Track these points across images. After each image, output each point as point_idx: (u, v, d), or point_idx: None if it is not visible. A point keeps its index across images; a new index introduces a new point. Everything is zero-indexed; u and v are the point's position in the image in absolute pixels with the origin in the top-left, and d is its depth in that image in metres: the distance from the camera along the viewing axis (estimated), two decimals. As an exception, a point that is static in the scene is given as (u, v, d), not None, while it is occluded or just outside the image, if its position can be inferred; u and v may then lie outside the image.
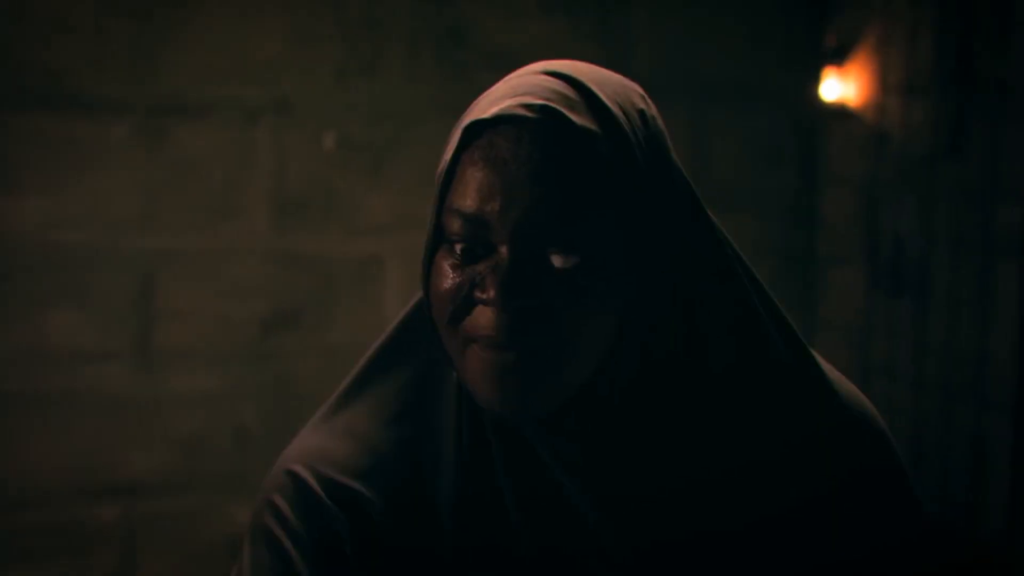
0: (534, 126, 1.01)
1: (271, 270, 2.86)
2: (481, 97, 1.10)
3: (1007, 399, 2.62)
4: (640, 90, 1.09)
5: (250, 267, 2.85)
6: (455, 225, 1.03)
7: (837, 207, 3.15)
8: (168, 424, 2.82)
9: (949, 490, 2.74)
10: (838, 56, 3.07)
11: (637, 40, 2.99)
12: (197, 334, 2.82)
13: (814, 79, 3.12)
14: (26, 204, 2.69)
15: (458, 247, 1.03)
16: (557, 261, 1.00)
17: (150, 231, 2.78)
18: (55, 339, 2.73)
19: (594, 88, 1.04)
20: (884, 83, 2.97)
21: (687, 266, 1.07)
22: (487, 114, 1.03)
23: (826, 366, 1.15)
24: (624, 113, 1.04)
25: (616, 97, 1.05)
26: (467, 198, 1.02)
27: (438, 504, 1.10)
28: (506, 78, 1.11)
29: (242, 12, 2.78)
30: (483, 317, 1.01)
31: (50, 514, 2.77)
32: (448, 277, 1.04)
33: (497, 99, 1.06)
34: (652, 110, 1.08)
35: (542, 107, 1.01)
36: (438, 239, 1.07)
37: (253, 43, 2.80)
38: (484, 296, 1.01)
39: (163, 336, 2.80)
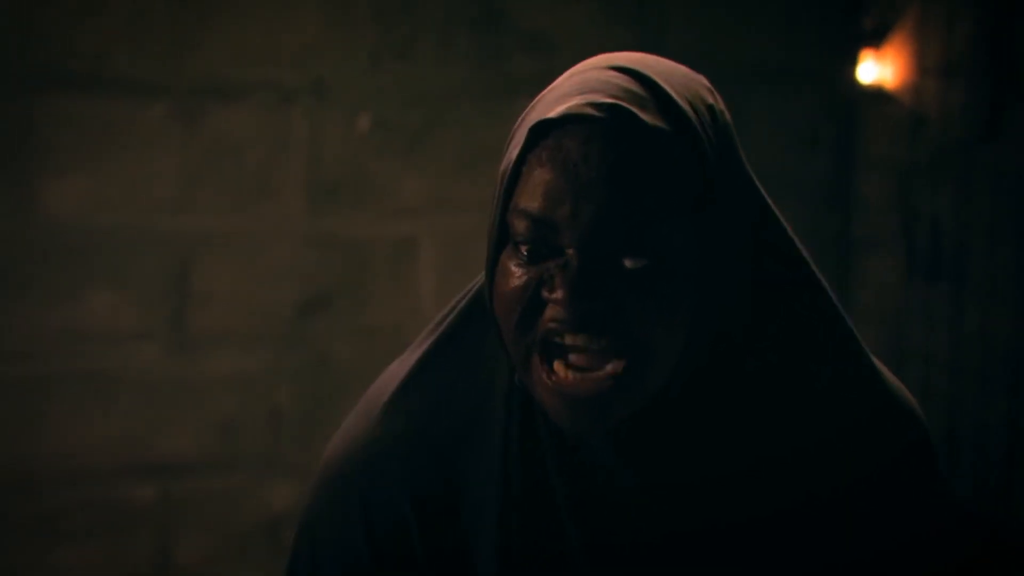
0: (603, 126, 0.98)
1: (306, 252, 2.87)
2: (545, 93, 1.07)
3: (1044, 384, 2.60)
4: (707, 83, 1.06)
5: (285, 249, 2.86)
6: (521, 226, 1.00)
7: (873, 191, 3.14)
8: (204, 405, 2.84)
9: (984, 476, 2.73)
10: (875, 38, 3.05)
11: (672, 22, 2.98)
12: (233, 315, 2.83)
13: (851, 61, 3.10)
14: (64, 186, 2.71)
15: (524, 248, 1.00)
16: (627, 263, 0.97)
17: (187, 213, 2.79)
18: (93, 320, 2.75)
19: (663, 84, 1.01)
20: (921, 65, 2.95)
21: (755, 262, 1.05)
22: (554, 113, 1.00)
23: (877, 362, 1.14)
24: (694, 110, 1.01)
25: (685, 93, 1.02)
26: (534, 200, 0.99)
27: (486, 501, 1.08)
28: (570, 72, 1.07)
29: (278, -5, 2.79)
30: (550, 318, 0.98)
31: (88, 494, 2.79)
32: (514, 277, 1.00)
33: (563, 96, 1.02)
34: (720, 104, 1.05)
35: (611, 106, 0.98)
36: (502, 238, 1.03)
37: (289, 26, 2.80)
38: (552, 297, 0.98)
39: (199, 317, 2.81)
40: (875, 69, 3.06)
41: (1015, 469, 2.66)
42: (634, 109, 0.98)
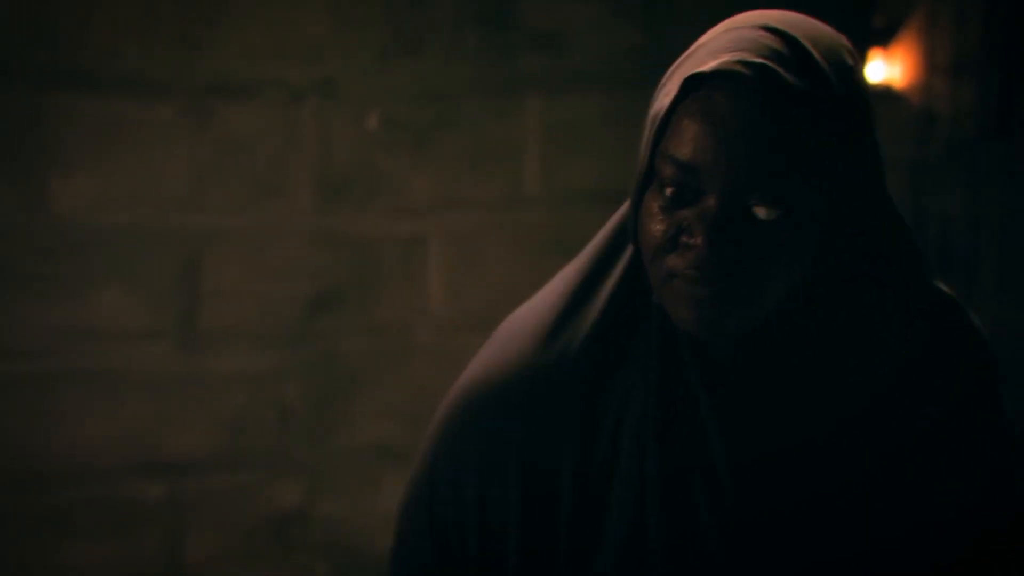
0: (751, 84, 1.06)
1: (315, 250, 2.87)
2: (695, 47, 1.14)
3: (1054, 383, 2.60)
4: (849, 45, 1.14)
5: (295, 247, 2.86)
6: (668, 171, 1.09)
7: (883, 189, 3.13)
8: (214, 403, 2.84)
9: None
10: (885, 36, 3.05)
11: (680, 20, 2.98)
12: (242, 314, 2.84)
13: (860, 60, 3.09)
14: (73, 184, 2.71)
15: (668, 190, 1.10)
16: (761, 213, 1.07)
17: (196, 211, 2.79)
18: (102, 318, 2.76)
19: (809, 47, 1.09)
20: (931, 64, 2.95)
21: (869, 223, 1.14)
22: (706, 68, 1.08)
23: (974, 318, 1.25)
24: (836, 73, 1.10)
25: (828, 55, 1.10)
26: (683, 147, 1.08)
27: (637, 419, 1.17)
28: (724, 27, 1.15)
29: (287, -7, 2.79)
30: (687, 258, 1.08)
31: (98, 491, 2.80)
32: (657, 218, 1.10)
33: (714, 52, 1.10)
34: (859, 68, 1.14)
35: (760, 67, 1.07)
36: (648, 179, 1.13)
37: (298, 24, 2.80)
38: (690, 240, 1.08)
39: (209, 316, 2.82)
40: (884, 68, 3.05)
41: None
42: (780, 71, 1.07)
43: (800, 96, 1.07)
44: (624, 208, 1.22)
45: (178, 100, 2.75)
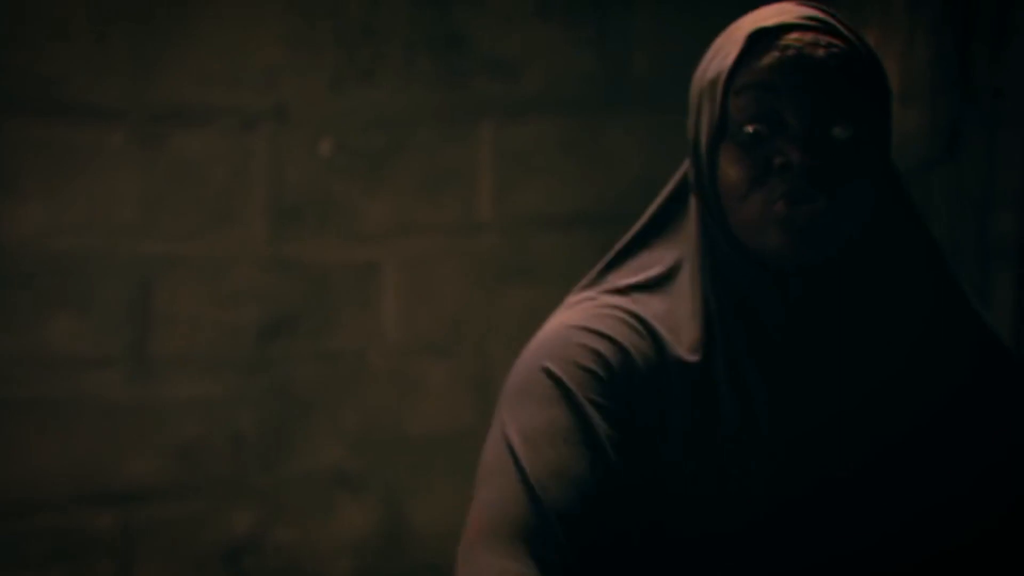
0: (813, 30, 1.24)
1: (268, 277, 2.87)
2: (737, 24, 1.29)
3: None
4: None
5: (247, 274, 2.85)
6: (746, 105, 1.23)
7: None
8: (166, 431, 2.82)
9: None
10: (834, 63, 3.08)
11: (637, 47, 3.00)
12: (195, 341, 2.82)
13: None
14: (24, 211, 2.69)
15: (748, 129, 1.23)
16: (838, 132, 1.22)
17: (148, 238, 2.78)
18: (53, 345, 2.73)
19: (838, 15, 1.28)
20: (880, 90, 2.98)
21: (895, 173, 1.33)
22: (771, 23, 1.24)
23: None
24: (861, 34, 1.29)
25: (848, 23, 1.28)
26: (762, 74, 1.22)
27: (684, 367, 1.26)
28: (751, 14, 1.29)
29: (239, 19, 2.79)
30: (783, 179, 1.21)
31: (48, 520, 2.77)
32: (742, 159, 1.23)
33: (766, 18, 1.26)
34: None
35: (816, 17, 1.25)
36: (718, 137, 1.24)
37: (250, 50, 2.80)
38: (783, 160, 1.21)
39: (161, 343, 2.80)
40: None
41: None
42: (831, 21, 1.25)
43: (850, 41, 1.24)
44: (668, 190, 1.34)
45: (129, 126, 2.74)
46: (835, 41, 1.24)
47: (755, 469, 1.23)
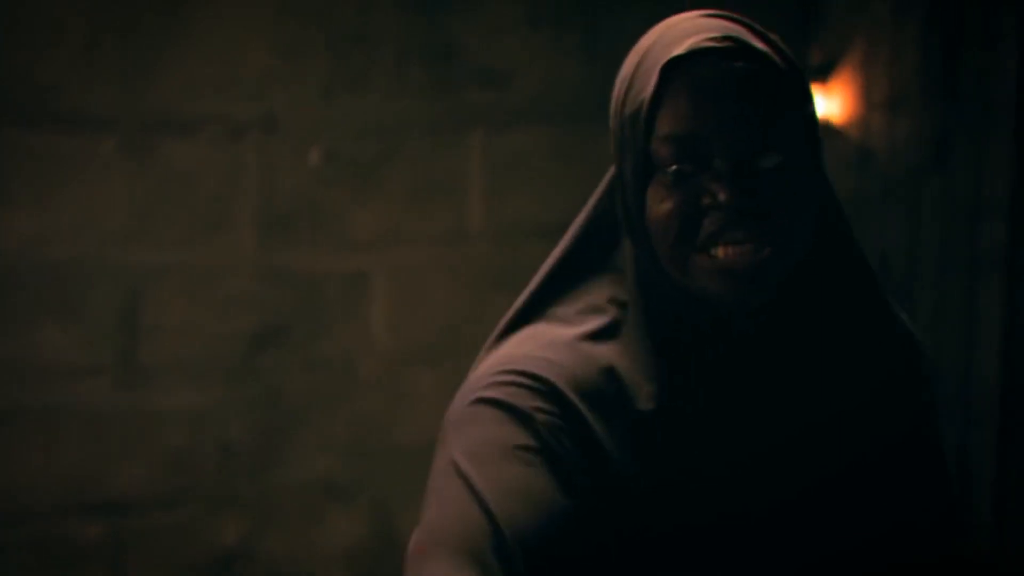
0: (726, 53, 1.17)
1: (258, 286, 2.86)
2: (651, 45, 1.25)
3: (991, 415, 2.63)
4: (772, 32, 1.27)
5: (237, 283, 2.85)
6: (668, 151, 1.17)
7: (822, 223, 3.15)
8: (155, 440, 2.82)
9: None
10: (822, 73, 3.09)
11: (623, 58, 3.00)
12: (184, 349, 2.82)
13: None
14: (14, 219, 2.69)
15: (671, 169, 1.17)
16: (766, 163, 1.16)
17: (137, 247, 2.77)
18: (42, 354, 2.73)
19: (749, 21, 1.23)
20: (868, 99, 2.99)
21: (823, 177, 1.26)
22: (682, 49, 1.18)
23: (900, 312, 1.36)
24: (776, 40, 1.23)
25: (764, 30, 1.23)
26: (680, 123, 1.17)
27: (635, 387, 1.22)
28: (665, 25, 1.26)
29: (229, 28, 2.79)
30: (713, 221, 1.16)
31: (36, 530, 2.76)
32: (668, 199, 1.18)
33: (675, 39, 1.20)
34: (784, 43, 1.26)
35: (728, 37, 1.18)
36: (643, 176, 1.20)
37: (240, 59, 2.80)
38: (711, 202, 1.16)
39: (150, 351, 2.80)
40: (822, 103, 3.09)
41: (964, 499, 2.68)
42: (744, 39, 1.19)
43: (764, 56, 1.18)
44: (582, 217, 1.31)
45: (119, 135, 2.74)
46: (748, 64, 1.17)
47: (705, 501, 1.20)
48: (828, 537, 1.24)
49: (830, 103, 3.08)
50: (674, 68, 1.18)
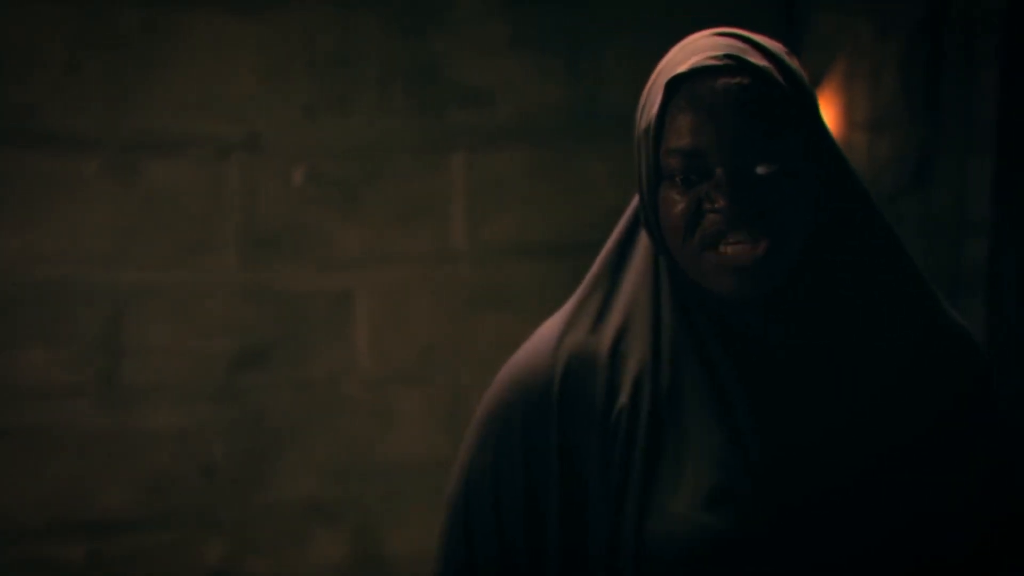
0: (725, 70, 1.27)
1: (241, 306, 2.86)
2: (663, 64, 1.34)
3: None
4: (781, 45, 1.36)
5: (220, 303, 2.84)
6: (676, 163, 1.28)
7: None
8: (138, 461, 2.81)
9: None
10: (805, 92, 3.10)
11: (608, 78, 3.01)
12: (167, 370, 2.81)
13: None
14: (-5, 240, 2.69)
15: (678, 178, 1.28)
16: (762, 170, 1.26)
17: (121, 267, 2.77)
18: (24, 374, 2.72)
19: (758, 39, 1.32)
20: (849, 119, 3.00)
21: (846, 183, 1.35)
22: (685, 67, 1.28)
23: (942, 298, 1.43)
24: (783, 58, 1.32)
25: (773, 46, 1.33)
26: (683, 139, 1.27)
27: (650, 375, 1.33)
28: (681, 44, 1.35)
29: (213, 49, 2.79)
30: (714, 224, 1.27)
31: (17, 552, 2.75)
32: (677, 203, 1.29)
33: (683, 59, 1.30)
34: (795, 61, 1.35)
35: (728, 55, 1.28)
36: (656, 181, 1.31)
37: (224, 79, 2.80)
38: (712, 207, 1.26)
39: (133, 372, 2.79)
40: (805, 122, 3.10)
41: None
42: (744, 56, 1.28)
43: (764, 71, 1.28)
44: (624, 223, 1.41)
45: (102, 155, 2.74)
46: (747, 81, 1.27)
47: (741, 489, 1.28)
48: (870, 526, 1.29)
49: (812, 122, 3.08)
50: (680, 85, 1.28)
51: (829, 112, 3.06)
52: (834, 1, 3.06)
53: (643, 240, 1.38)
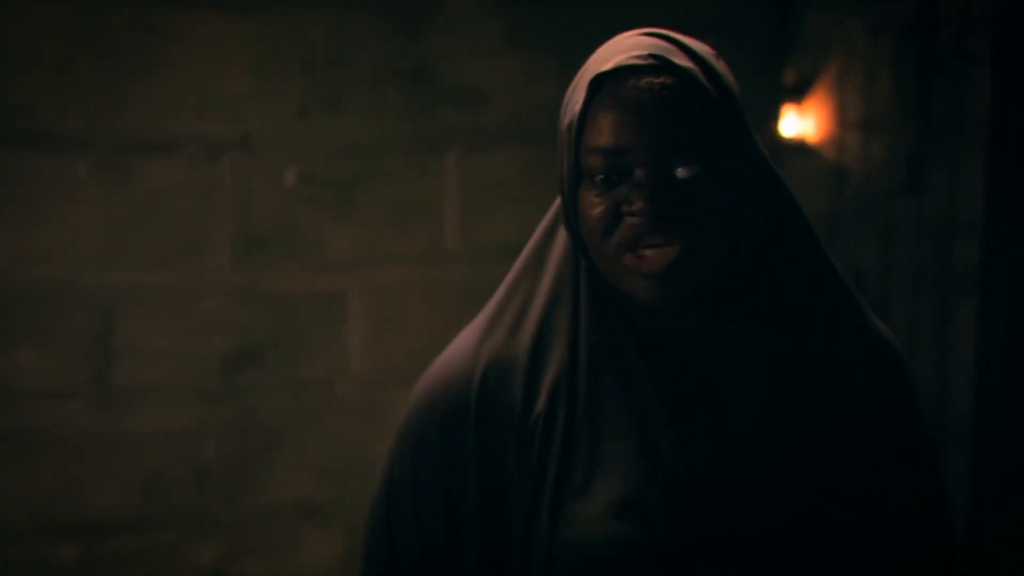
0: (648, 70, 1.25)
1: (234, 306, 2.86)
2: (590, 61, 1.32)
3: (965, 433, 2.64)
4: (709, 48, 1.33)
5: (213, 303, 2.84)
6: (596, 162, 1.26)
7: (798, 242, 3.16)
8: (130, 462, 2.81)
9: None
10: (797, 93, 3.11)
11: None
12: (160, 371, 2.81)
13: (773, 115, 3.15)
14: (-13, 241, 2.68)
15: (598, 178, 1.26)
16: (683, 173, 1.24)
17: (113, 268, 2.77)
18: (17, 375, 2.72)
19: (684, 41, 1.30)
20: (843, 119, 3.01)
21: (772, 189, 1.34)
22: (608, 66, 1.26)
23: (865, 305, 1.41)
24: (707, 59, 1.30)
25: (698, 48, 1.30)
26: (603, 137, 1.25)
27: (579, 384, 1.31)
28: (608, 43, 1.33)
29: (205, 49, 2.79)
30: (632, 226, 1.24)
31: (10, 554, 2.74)
32: (596, 205, 1.26)
33: (608, 58, 1.29)
34: (721, 59, 1.33)
35: (651, 55, 1.26)
36: (576, 181, 1.29)
37: (216, 80, 2.80)
38: (631, 209, 1.24)
39: (125, 373, 2.79)
40: (797, 123, 3.11)
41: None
42: (668, 56, 1.26)
43: (687, 72, 1.25)
44: (545, 223, 1.40)
45: (95, 156, 2.74)
46: (670, 81, 1.24)
47: (651, 497, 1.26)
48: (772, 547, 1.26)
49: (805, 123, 3.09)
50: (603, 84, 1.26)
51: (821, 113, 3.06)
52: (827, 1, 3.07)
53: (564, 240, 1.35)
